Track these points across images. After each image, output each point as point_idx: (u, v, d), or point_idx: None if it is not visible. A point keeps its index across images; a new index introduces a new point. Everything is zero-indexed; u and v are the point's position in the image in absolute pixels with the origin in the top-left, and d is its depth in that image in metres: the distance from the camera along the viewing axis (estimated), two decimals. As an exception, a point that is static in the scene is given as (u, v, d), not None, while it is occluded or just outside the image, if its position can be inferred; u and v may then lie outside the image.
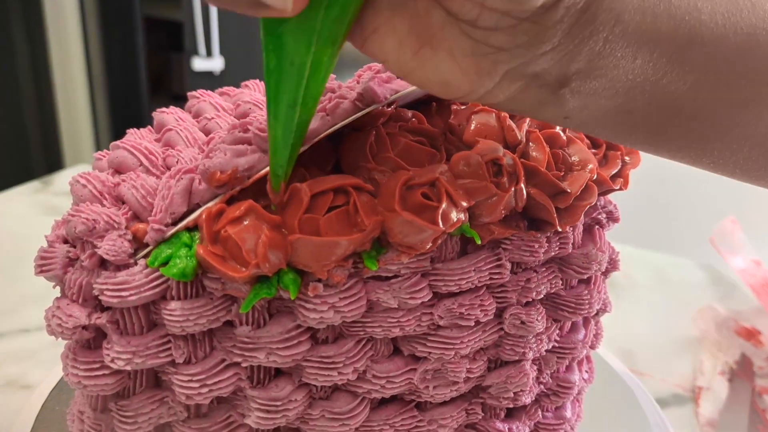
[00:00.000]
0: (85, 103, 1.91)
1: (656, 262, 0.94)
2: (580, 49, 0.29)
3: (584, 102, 0.31)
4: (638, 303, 0.86)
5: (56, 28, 1.83)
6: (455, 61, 0.30)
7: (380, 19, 0.30)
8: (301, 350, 0.37)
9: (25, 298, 0.71)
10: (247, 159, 0.36)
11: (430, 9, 0.29)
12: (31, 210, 0.96)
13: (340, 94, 0.38)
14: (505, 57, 0.29)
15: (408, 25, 0.30)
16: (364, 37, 0.31)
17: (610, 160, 0.47)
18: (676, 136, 0.33)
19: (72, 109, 1.91)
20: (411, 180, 0.36)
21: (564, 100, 0.31)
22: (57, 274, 0.36)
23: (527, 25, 0.28)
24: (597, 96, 0.31)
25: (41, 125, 1.91)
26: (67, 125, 1.92)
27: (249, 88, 0.52)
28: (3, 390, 0.57)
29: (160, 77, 2.11)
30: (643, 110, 0.32)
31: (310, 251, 0.34)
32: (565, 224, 0.42)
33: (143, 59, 1.89)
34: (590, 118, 0.32)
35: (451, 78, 0.30)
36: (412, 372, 0.41)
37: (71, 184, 0.38)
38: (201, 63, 1.84)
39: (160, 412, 0.38)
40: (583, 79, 0.30)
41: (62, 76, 1.88)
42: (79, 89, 1.90)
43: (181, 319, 0.35)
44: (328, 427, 0.40)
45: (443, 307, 0.40)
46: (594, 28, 0.29)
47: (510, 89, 0.31)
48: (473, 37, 0.29)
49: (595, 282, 0.47)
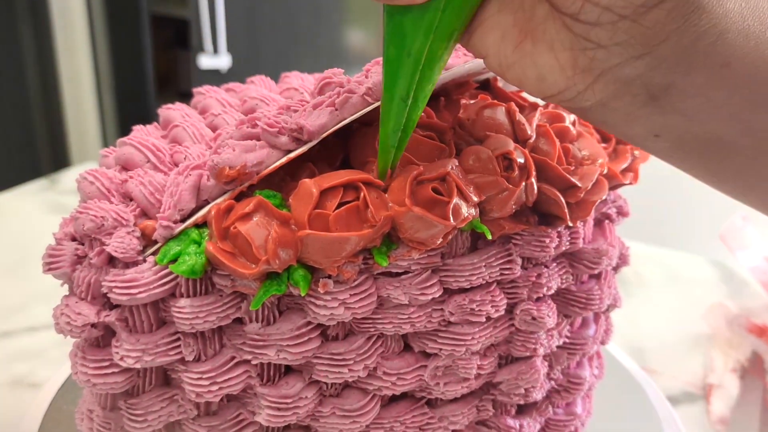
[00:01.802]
0: (92, 100, 1.92)
1: (667, 260, 0.94)
2: (679, 59, 0.28)
3: (676, 121, 0.30)
4: (649, 300, 0.85)
5: (63, 25, 1.83)
6: (554, 54, 0.30)
7: (488, 13, 0.31)
8: (312, 347, 0.37)
9: (32, 296, 0.71)
10: (256, 155, 0.35)
11: (536, 2, 0.30)
12: (38, 208, 0.96)
13: (349, 89, 0.37)
14: (602, 54, 0.29)
15: (513, 18, 0.31)
16: (471, 31, 0.32)
17: (620, 154, 0.47)
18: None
19: (79, 107, 1.92)
20: (421, 175, 0.36)
21: (655, 115, 0.30)
22: (65, 272, 0.36)
23: (628, 23, 0.28)
24: (690, 117, 0.30)
25: (48, 123, 1.92)
26: (74, 123, 1.93)
27: (255, 84, 0.52)
28: (11, 388, 0.57)
29: (166, 75, 2.12)
30: (738, 141, 0.30)
31: (320, 247, 0.34)
32: (576, 219, 0.41)
33: (150, 57, 1.89)
34: (680, 141, 0.31)
35: (548, 73, 0.31)
36: (422, 369, 0.41)
37: (78, 182, 0.38)
38: (208, 60, 1.84)
39: (170, 410, 0.38)
40: (679, 95, 0.29)
41: (69, 74, 1.89)
42: (85, 87, 1.90)
43: (190, 317, 0.35)
44: (338, 425, 0.40)
45: (454, 303, 0.39)
46: (696, 38, 0.28)
47: (603, 93, 0.30)
48: (574, 30, 0.29)
49: (606, 277, 0.47)
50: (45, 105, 1.89)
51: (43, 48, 1.83)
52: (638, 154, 0.47)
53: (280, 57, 1.98)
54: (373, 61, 0.42)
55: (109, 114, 1.97)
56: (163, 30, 1.98)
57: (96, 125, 1.94)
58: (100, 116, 1.95)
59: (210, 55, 1.84)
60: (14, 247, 0.83)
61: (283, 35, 1.98)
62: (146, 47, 1.88)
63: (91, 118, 1.93)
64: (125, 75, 1.93)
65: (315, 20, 2.05)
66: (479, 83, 0.48)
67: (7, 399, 0.55)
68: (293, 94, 0.49)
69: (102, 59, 1.91)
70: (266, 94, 0.48)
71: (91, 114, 1.93)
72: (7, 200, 0.98)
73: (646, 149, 0.34)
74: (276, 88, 0.52)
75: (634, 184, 0.46)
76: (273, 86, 0.52)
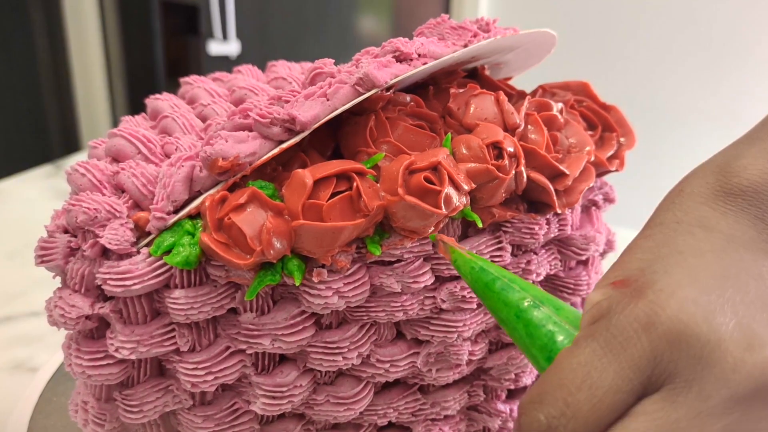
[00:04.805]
0: (102, 86, 1.93)
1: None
2: None
3: None
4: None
5: (74, 12, 1.83)
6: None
7: None
8: (306, 336, 0.37)
9: (35, 281, 0.72)
10: (249, 145, 0.35)
11: None
12: (42, 194, 0.97)
13: (340, 79, 0.37)
14: None
15: None
16: None
17: (606, 141, 0.48)
18: None
19: (89, 93, 1.92)
20: (413, 164, 0.36)
21: None
22: (58, 264, 0.36)
23: None
24: None
25: (59, 109, 1.92)
26: (85, 108, 1.94)
27: (242, 73, 0.52)
28: (11, 372, 0.57)
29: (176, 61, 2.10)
30: None
31: (314, 237, 0.34)
32: (565, 206, 0.42)
33: (160, 43, 1.89)
34: None
35: None
36: (415, 355, 0.41)
37: (69, 174, 0.38)
38: (217, 47, 1.84)
39: (165, 401, 0.38)
40: None
41: (80, 60, 1.89)
42: (96, 73, 1.90)
43: (185, 307, 0.35)
44: (333, 412, 0.40)
45: (446, 290, 0.40)
46: None
47: None
48: None
49: (593, 263, 0.47)
50: (56, 91, 1.90)
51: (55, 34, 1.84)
52: (624, 141, 0.48)
53: (290, 43, 1.98)
54: (363, 50, 0.42)
55: (119, 100, 1.97)
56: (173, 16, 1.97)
57: (106, 111, 1.96)
58: (110, 102, 1.96)
59: (219, 41, 1.84)
60: (17, 233, 0.84)
61: (292, 21, 1.97)
62: (156, 34, 1.87)
63: (101, 104, 1.94)
64: (135, 61, 1.93)
65: (325, 6, 2.04)
66: (467, 72, 0.48)
67: (7, 383, 0.56)
68: (281, 83, 0.49)
69: (113, 45, 1.91)
70: (254, 84, 0.47)
71: (102, 100, 1.94)
72: (12, 186, 0.99)
73: None
74: (263, 77, 0.52)
75: (621, 171, 0.46)
76: (260, 75, 0.52)
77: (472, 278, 0.34)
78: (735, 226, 0.29)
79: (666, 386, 0.25)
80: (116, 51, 1.92)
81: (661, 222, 0.30)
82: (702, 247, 0.28)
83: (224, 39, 1.84)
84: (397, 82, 0.40)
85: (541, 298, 0.31)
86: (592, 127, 0.47)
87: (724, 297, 0.26)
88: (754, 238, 0.29)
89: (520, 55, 0.50)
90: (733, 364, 0.24)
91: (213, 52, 1.84)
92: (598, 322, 0.27)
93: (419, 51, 0.40)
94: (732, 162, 0.31)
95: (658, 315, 0.25)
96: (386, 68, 0.38)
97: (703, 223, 0.29)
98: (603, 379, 0.25)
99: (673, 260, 0.28)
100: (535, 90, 0.49)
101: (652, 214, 0.31)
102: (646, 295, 0.26)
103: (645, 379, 0.25)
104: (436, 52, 0.41)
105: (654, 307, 0.26)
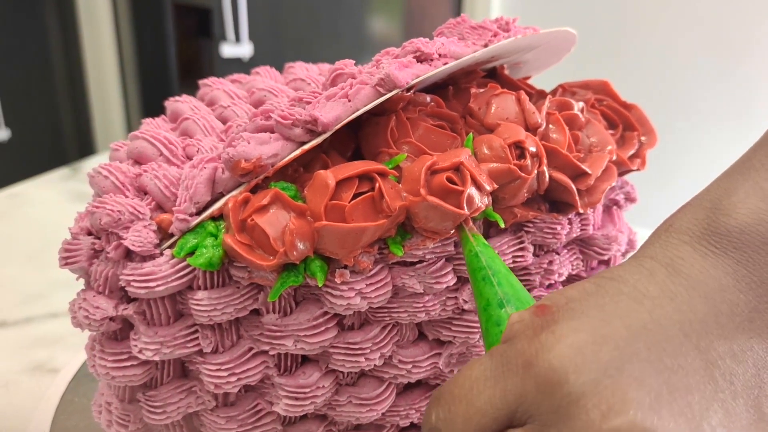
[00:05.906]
0: (116, 89, 1.95)
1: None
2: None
3: None
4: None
5: (88, 15, 1.85)
6: None
7: None
8: (328, 337, 0.37)
9: (53, 283, 0.72)
10: (271, 147, 0.35)
11: None
12: (59, 197, 0.97)
13: (361, 80, 0.37)
14: None
15: None
16: None
17: (627, 140, 0.47)
18: None
19: (104, 96, 1.95)
20: (435, 165, 0.36)
21: None
22: (82, 266, 0.36)
23: None
24: None
25: (74, 112, 1.95)
26: (99, 111, 1.96)
27: (260, 75, 0.52)
28: (31, 374, 0.58)
29: (189, 63, 2.12)
30: None
31: (336, 238, 0.34)
32: (587, 205, 0.42)
33: (173, 46, 1.90)
34: None
35: None
36: (437, 356, 0.41)
37: (92, 176, 0.38)
38: (230, 49, 1.85)
39: (188, 402, 0.38)
40: None
41: (94, 63, 1.91)
42: (110, 76, 1.93)
43: (208, 309, 0.35)
44: (355, 413, 0.40)
45: (468, 291, 0.40)
46: None
47: None
48: None
49: (615, 263, 0.47)
50: (71, 94, 1.93)
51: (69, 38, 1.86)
52: (645, 140, 0.47)
53: (302, 45, 1.99)
54: (383, 51, 0.42)
55: (133, 102, 2.00)
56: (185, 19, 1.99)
57: (120, 113, 1.98)
58: (124, 105, 1.98)
59: (232, 43, 1.85)
60: (36, 235, 0.84)
61: (304, 23, 1.98)
62: (169, 36, 1.89)
63: (115, 107, 1.96)
64: (149, 64, 1.95)
65: (337, 8, 2.04)
66: (486, 71, 0.48)
67: (28, 384, 0.56)
68: (300, 84, 0.49)
69: (126, 48, 1.94)
70: (274, 85, 0.47)
71: (116, 103, 1.96)
72: (30, 189, 1.00)
73: None
74: (281, 78, 0.52)
75: (642, 170, 0.46)
76: (278, 77, 0.52)
77: (468, 261, 0.34)
78: (710, 272, 0.28)
79: (528, 425, 0.25)
80: (130, 54, 1.94)
81: (636, 255, 0.30)
82: (642, 293, 0.27)
83: (237, 41, 1.85)
84: (417, 83, 0.40)
85: (512, 299, 0.31)
86: (613, 126, 0.47)
87: (619, 351, 0.25)
88: (726, 288, 0.27)
89: (540, 54, 0.50)
90: (586, 424, 0.24)
91: (226, 54, 1.85)
92: (505, 343, 0.27)
93: (440, 51, 0.40)
94: (724, 199, 0.30)
95: (538, 356, 0.25)
96: (407, 69, 0.38)
97: (674, 264, 0.28)
98: (478, 399, 0.26)
99: (593, 302, 0.27)
100: (555, 89, 0.49)
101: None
102: (543, 333, 0.26)
103: (510, 412, 0.25)
104: (457, 52, 0.41)
105: (540, 347, 0.25)
